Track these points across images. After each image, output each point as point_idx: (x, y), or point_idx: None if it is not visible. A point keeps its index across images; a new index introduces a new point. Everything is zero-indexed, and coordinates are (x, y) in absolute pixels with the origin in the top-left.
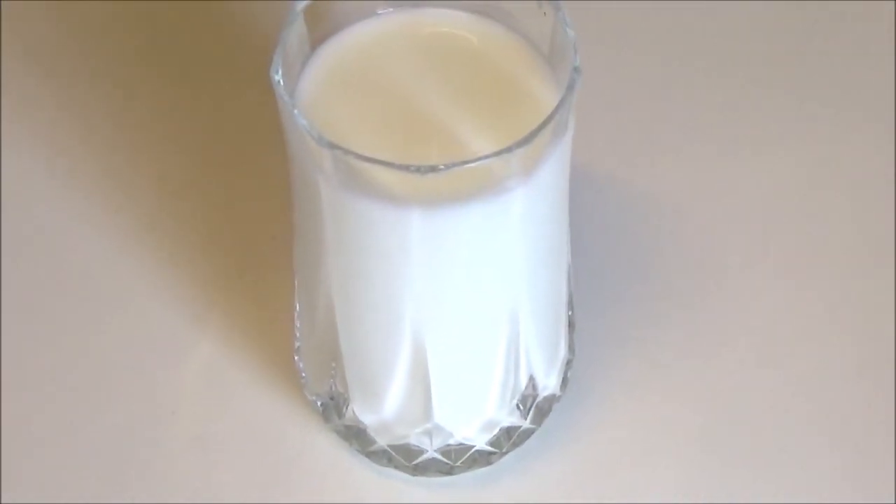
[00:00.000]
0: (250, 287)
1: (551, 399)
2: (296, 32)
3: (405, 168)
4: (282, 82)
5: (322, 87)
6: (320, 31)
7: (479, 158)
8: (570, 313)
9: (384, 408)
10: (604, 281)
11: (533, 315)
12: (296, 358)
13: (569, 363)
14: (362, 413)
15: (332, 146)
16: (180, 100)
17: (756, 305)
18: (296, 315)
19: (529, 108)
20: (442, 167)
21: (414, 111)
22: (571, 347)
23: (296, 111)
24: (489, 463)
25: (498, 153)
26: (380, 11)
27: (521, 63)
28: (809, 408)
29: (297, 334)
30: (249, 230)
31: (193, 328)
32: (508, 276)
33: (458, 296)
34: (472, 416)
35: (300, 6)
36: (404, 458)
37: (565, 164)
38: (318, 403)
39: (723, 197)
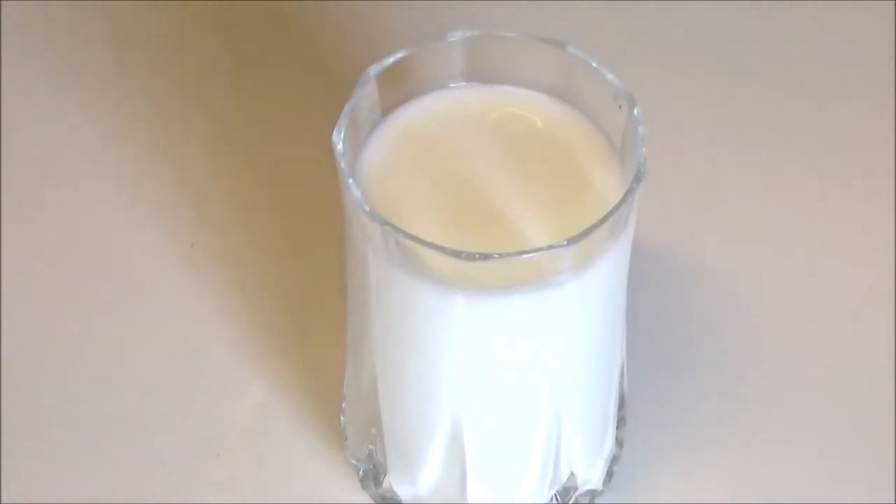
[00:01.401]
0: (308, 340)
1: (592, 493)
2: (366, 96)
3: (453, 253)
4: (342, 148)
5: (385, 158)
6: (392, 97)
7: (529, 251)
8: (620, 411)
9: (419, 482)
10: (654, 365)
11: (577, 412)
12: (342, 419)
13: (615, 458)
14: (398, 484)
15: (383, 222)
16: (254, 143)
17: (815, 398)
18: (345, 376)
19: (593, 201)
20: (491, 256)
21: (474, 192)
22: (620, 442)
23: (350, 181)
24: None
25: (549, 247)
26: (452, 85)
27: (590, 152)
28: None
29: (345, 395)
30: (315, 282)
31: (247, 374)
32: (553, 373)
33: (499, 386)
34: (507, 502)
35: (373, 69)
36: None
37: (623, 262)
38: (359, 468)
39: (781, 281)
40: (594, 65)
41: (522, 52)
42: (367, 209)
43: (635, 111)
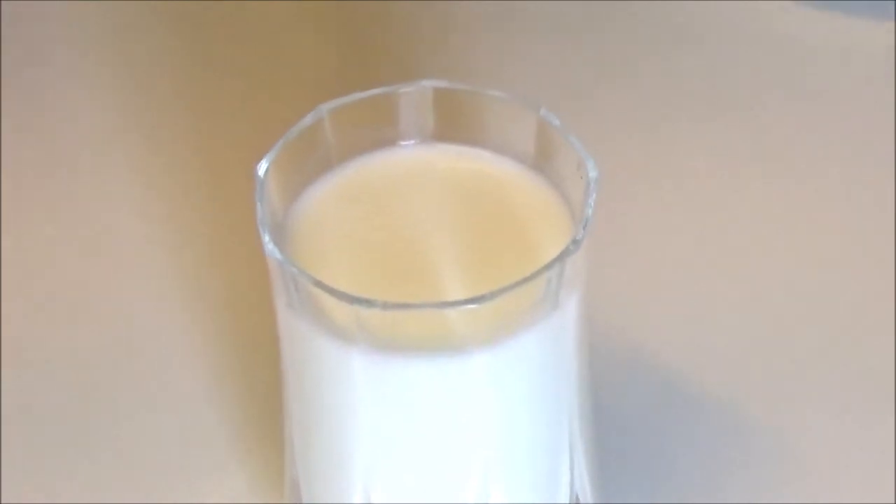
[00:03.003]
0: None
1: None
2: (314, 135)
3: (348, 299)
4: (263, 176)
5: (325, 208)
6: (347, 145)
7: (422, 305)
8: None
9: None
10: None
11: None
12: None
13: None
14: None
15: (283, 259)
16: None
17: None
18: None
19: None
20: (383, 303)
21: (414, 254)
22: None
23: (259, 206)
24: None
25: (441, 304)
26: (413, 138)
27: (548, 222)
28: None
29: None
30: None
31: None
32: (471, 460)
33: (408, 462)
34: None
35: (327, 105)
36: None
37: (558, 344)
38: None
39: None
40: (560, 128)
41: (493, 111)
42: (268, 241)
43: (591, 176)
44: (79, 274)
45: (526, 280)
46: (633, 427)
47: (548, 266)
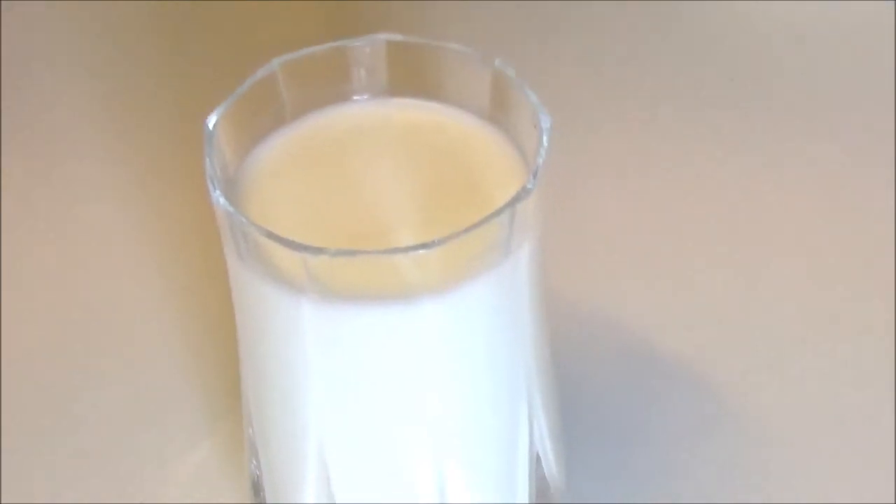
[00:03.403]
0: None
1: None
2: (267, 89)
3: (294, 245)
4: (214, 129)
5: (279, 162)
6: (300, 100)
7: (371, 252)
8: (546, 497)
9: None
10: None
11: (462, 472)
12: None
13: None
14: None
15: (230, 210)
16: None
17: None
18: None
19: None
20: (328, 252)
21: (368, 205)
22: None
23: (208, 160)
24: None
25: (390, 251)
26: (367, 92)
27: (503, 174)
28: None
29: None
30: None
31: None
32: (424, 417)
33: (361, 412)
34: None
35: (278, 60)
36: None
37: (510, 296)
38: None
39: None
40: (515, 79)
41: (447, 64)
42: (215, 191)
43: (544, 126)
44: (79, 271)
45: (475, 226)
46: (595, 386)
47: (497, 212)
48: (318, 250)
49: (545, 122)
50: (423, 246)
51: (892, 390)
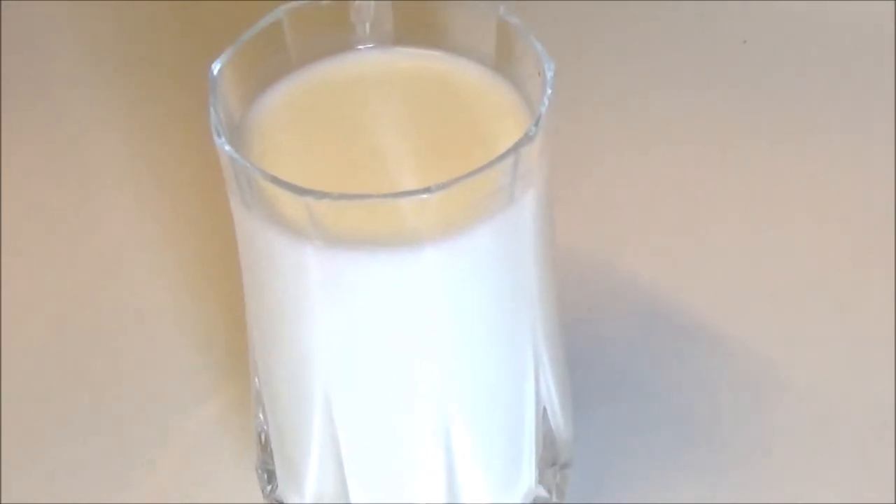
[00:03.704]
0: None
1: None
2: (272, 37)
3: (298, 190)
4: (218, 75)
5: (285, 109)
6: (307, 48)
7: (373, 196)
8: (552, 449)
9: (302, 481)
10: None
11: (469, 424)
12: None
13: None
14: (287, 493)
15: (233, 154)
16: None
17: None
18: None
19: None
20: (331, 196)
21: (375, 153)
22: (558, 491)
23: (213, 108)
24: None
25: (392, 195)
26: (372, 42)
27: (511, 122)
28: None
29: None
30: None
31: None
32: (428, 364)
33: (367, 367)
34: None
35: (284, 7)
36: None
37: (516, 240)
38: (260, 474)
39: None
40: (520, 27)
41: (453, 13)
42: (222, 141)
43: (549, 75)
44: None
45: (478, 171)
46: (603, 340)
47: (500, 158)
48: (321, 194)
49: (549, 70)
50: (425, 190)
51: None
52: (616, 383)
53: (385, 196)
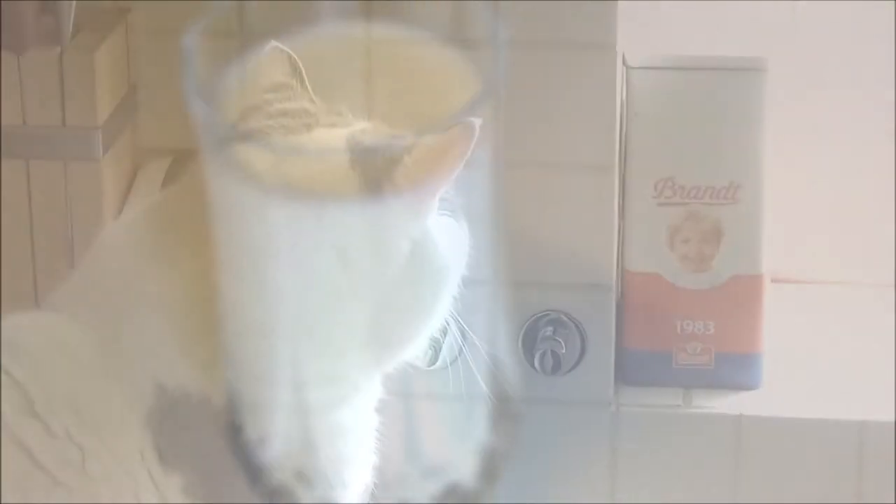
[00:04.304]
0: None
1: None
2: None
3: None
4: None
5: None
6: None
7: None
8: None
9: None
10: None
11: None
12: None
13: (496, 451)
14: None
15: (205, 109)
16: None
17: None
18: None
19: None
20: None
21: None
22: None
23: (186, 70)
24: None
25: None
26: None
27: (461, 84)
28: None
29: None
30: None
31: None
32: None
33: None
34: None
35: None
36: None
37: None
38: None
39: None
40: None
41: None
42: (194, 89)
43: (500, 41)
44: None
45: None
46: None
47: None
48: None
49: (501, 37)
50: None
51: None
52: None
53: (330, 150)
